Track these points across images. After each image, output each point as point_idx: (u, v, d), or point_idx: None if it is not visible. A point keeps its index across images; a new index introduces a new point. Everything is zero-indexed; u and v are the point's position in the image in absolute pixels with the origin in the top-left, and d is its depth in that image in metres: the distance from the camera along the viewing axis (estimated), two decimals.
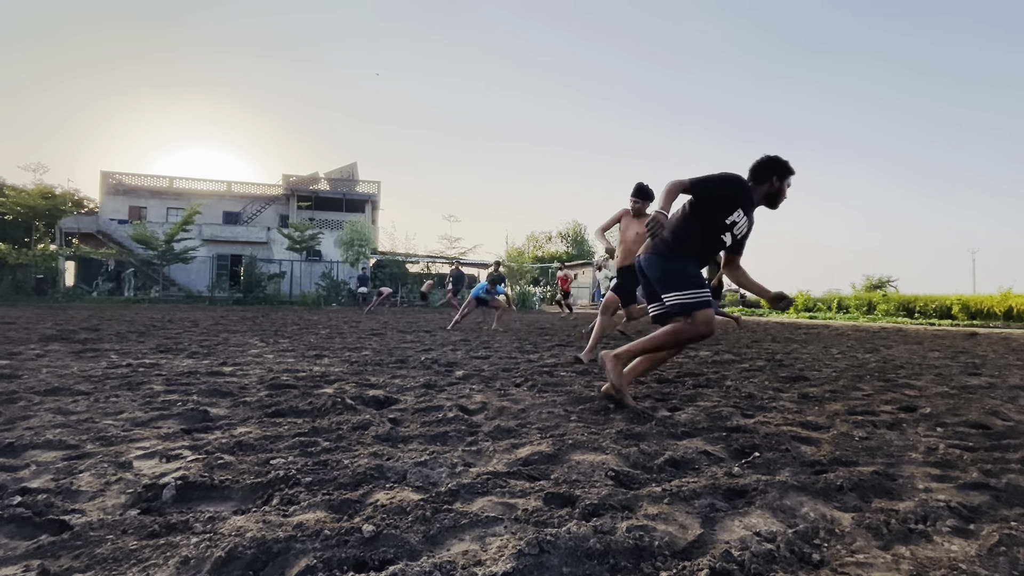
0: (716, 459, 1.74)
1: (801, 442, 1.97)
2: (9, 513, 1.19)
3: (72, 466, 1.54)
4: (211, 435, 1.91)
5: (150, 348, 4.65)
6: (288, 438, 1.87)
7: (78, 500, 1.32)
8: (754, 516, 1.30)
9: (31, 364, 3.52)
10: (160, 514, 1.24)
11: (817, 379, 3.56)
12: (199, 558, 1.01)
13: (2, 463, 1.55)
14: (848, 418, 2.37)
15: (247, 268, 21.65)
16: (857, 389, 3.17)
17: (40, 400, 2.42)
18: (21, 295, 18.17)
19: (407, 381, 3.16)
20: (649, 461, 1.68)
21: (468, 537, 1.16)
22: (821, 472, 1.60)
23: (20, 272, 18.95)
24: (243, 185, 33.20)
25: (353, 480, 1.46)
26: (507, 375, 3.46)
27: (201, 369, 3.47)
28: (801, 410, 2.54)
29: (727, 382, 3.34)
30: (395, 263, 26.63)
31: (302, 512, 1.25)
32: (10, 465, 1.54)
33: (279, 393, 2.70)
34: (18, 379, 2.94)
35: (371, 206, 33.89)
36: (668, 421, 2.21)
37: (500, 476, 1.51)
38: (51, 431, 1.90)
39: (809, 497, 1.41)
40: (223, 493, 1.38)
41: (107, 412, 2.23)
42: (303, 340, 5.75)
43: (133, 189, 30.95)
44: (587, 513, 1.27)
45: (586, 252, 46.32)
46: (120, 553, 1.03)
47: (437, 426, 2.08)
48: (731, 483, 1.48)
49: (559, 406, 2.50)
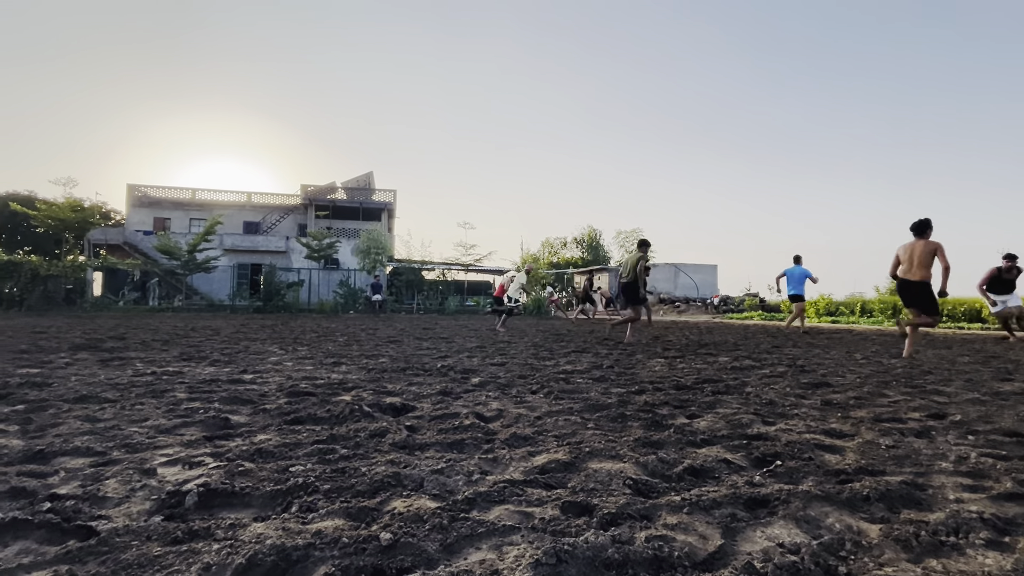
0: (736, 467, 1.71)
1: (825, 450, 1.92)
2: (39, 519, 1.22)
3: (99, 473, 1.58)
4: (232, 442, 1.94)
5: (173, 356, 4.75)
6: (307, 445, 1.89)
7: (104, 506, 1.35)
8: (777, 527, 1.27)
9: (61, 372, 3.63)
10: (183, 520, 1.26)
11: (840, 385, 3.48)
12: (220, 564, 1.03)
13: (33, 470, 1.60)
14: (874, 426, 2.31)
15: (267, 277, 22.03)
16: (883, 395, 3.09)
17: (69, 408, 2.49)
18: (51, 305, 18.76)
19: (423, 388, 3.17)
20: (668, 469, 1.66)
21: (485, 546, 1.15)
22: (846, 481, 1.56)
23: (51, 283, 19.55)
24: (262, 196, 33.88)
25: (371, 488, 1.47)
26: (523, 382, 3.45)
27: (222, 377, 3.53)
28: (824, 417, 2.48)
29: (747, 388, 3.28)
30: (411, 270, 26.84)
31: (320, 520, 1.26)
32: (40, 472, 1.59)
33: (298, 401, 2.73)
34: (49, 387, 3.03)
35: (387, 214, 34.28)
36: (687, 429, 2.18)
37: (517, 484, 1.51)
38: (79, 438, 1.95)
39: (834, 507, 1.38)
40: (243, 500, 1.40)
41: (132, 419, 2.28)
42: (321, 348, 5.82)
43: (157, 201, 31.80)
44: (605, 522, 1.26)
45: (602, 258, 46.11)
46: (144, 559, 1.05)
47: (454, 433, 2.09)
48: (752, 492, 1.45)
49: (576, 414, 2.48)
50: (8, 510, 1.28)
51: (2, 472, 1.57)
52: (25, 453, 1.75)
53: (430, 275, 28.24)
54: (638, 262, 7.27)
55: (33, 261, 19.45)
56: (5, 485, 1.44)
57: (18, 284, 18.56)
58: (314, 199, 32.94)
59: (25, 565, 1.04)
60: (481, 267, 29.38)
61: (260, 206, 33.64)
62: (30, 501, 1.35)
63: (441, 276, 28.58)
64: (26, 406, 2.50)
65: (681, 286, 28.70)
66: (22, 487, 1.44)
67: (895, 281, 5.67)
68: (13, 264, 18.79)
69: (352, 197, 34.10)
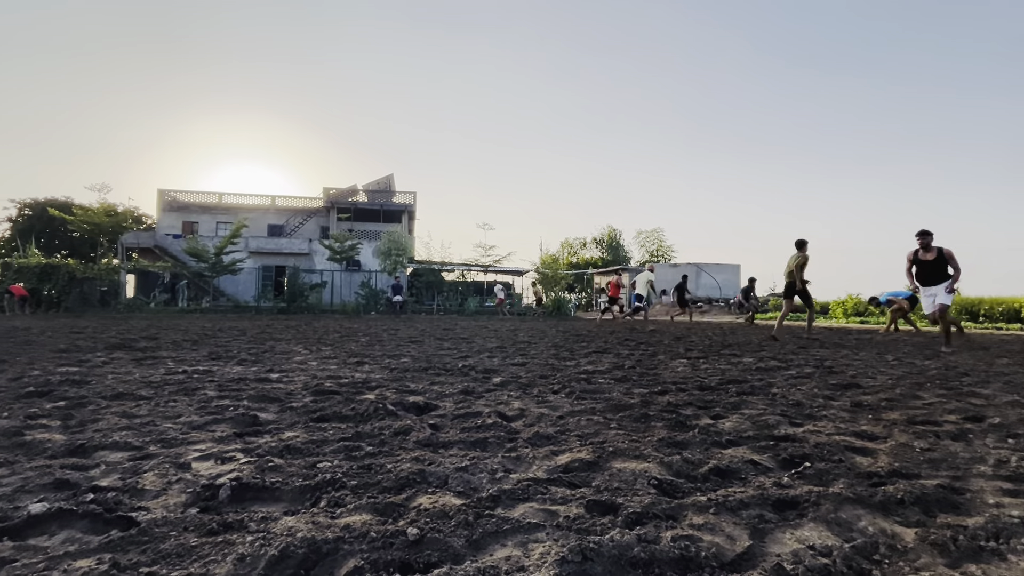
0: (763, 469, 1.68)
1: (856, 452, 1.87)
2: (83, 509, 1.27)
3: (137, 466, 1.64)
4: (261, 439, 1.99)
5: (203, 356, 4.89)
6: (333, 442, 1.92)
7: (143, 498, 1.40)
8: (807, 529, 1.25)
9: (98, 371, 3.77)
10: (217, 513, 1.30)
11: (871, 387, 3.39)
12: (254, 556, 1.06)
13: (75, 463, 1.67)
14: (907, 428, 2.24)
15: (290, 279, 22.49)
16: (916, 397, 3.00)
17: (107, 404, 2.59)
18: (87, 306, 19.49)
19: (445, 387, 3.20)
20: (693, 470, 1.64)
21: (511, 543, 1.16)
22: (879, 484, 1.52)
23: (87, 285, 20.31)
24: (286, 199, 34.57)
25: (396, 484, 1.49)
26: (544, 382, 3.45)
27: (250, 376, 3.62)
28: (854, 419, 2.42)
29: (773, 389, 3.22)
30: (431, 272, 27.06)
31: (349, 514, 1.28)
32: (83, 464, 1.66)
33: (323, 399, 2.78)
34: (87, 384, 3.15)
35: (407, 216, 34.62)
36: (711, 429, 2.15)
37: (541, 483, 1.51)
38: (117, 433, 2.02)
39: (867, 510, 1.35)
40: (274, 494, 1.43)
41: (167, 416, 2.36)
42: (344, 347, 5.91)
43: (186, 205, 32.72)
44: (630, 521, 1.25)
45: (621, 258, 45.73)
46: (183, 549, 1.09)
47: (476, 432, 2.10)
48: (780, 494, 1.42)
49: (598, 413, 2.47)
50: (54, 501, 1.34)
51: (47, 465, 1.64)
52: (68, 447, 1.83)
53: (450, 276, 28.43)
54: (798, 262, 7.80)
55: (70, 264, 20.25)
56: (50, 477, 1.51)
57: (56, 286, 19.32)
58: (336, 202, 33.48)
59: (71, 553, 1.09)
60: (500, 268, 29.44)
61: (284, 209, 34.33)
62: (74, 492, 1.41)
63: (461, 277, 28.75)
64: (67, 403, 2.60)
65: (703, 286, 28.26)
66: (66, 479, 1.50)
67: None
68: (52, 267, 19.58)
69: (373, 199, 34.55)
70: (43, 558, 1.06)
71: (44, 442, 1.89)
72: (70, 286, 19.56)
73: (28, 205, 32.13)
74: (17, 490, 1.43)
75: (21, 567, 1.03)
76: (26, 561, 1.05)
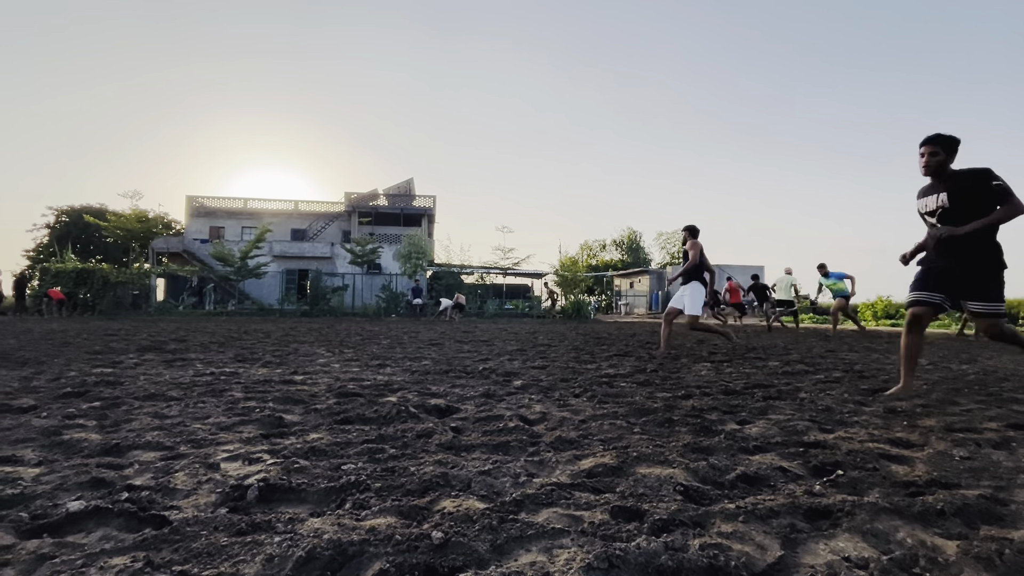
0: (793, 476, 1.64)
1: (891, 460, 1.81)
2: (119, 508, 1.31)
3: (169, 466, 1.68)
4: (287, 440, 2.02)
5: (230, 358, 5.00)
6: (357, 445, 1.94)
7: (175, 497, 1.43)
8: (841, 539, 1.21)
9: (131, 372, 3.89)
10: (246, 513, 1.33)
11: (905, 392, 3.27)
12: (282, 556, 1.07)
13: (110, 462, 1.72)
14: (945, 435, 2.16)
15: (313, 282, 22.87)
16: (954, 403, 2.88)
17: (139, 405, 2.67)
18: (120, 309, 20.15)
19: (467, 390, 3.20)
20: (720, 476, 1.61)
21: (535, 548, 1.15)
22: (917, 494, 1.46)
23: (120, 289, 21.01)
24: (308, 204, 35.26)
25: (420, 487, 1.49)
26: (565, 385, 3.43)
27: (275, 378, 3.69)
28: (888, 425, 2.34)
29: (801, 394, 3.14)
30: (451, 274, 27.22)
31: (373, 517, 1.29)
32: (117, 464, 1.70)
33: (346, 401, 2.82)
34: (121, 385, 3.25)
35: (427, 219, 34.94)
36: (738, 435, 2.11)
37: (564, 487, 1.50)
38: (150, 433, 2.08)
39: (904, 521, 1.30)
40: (300, 496, 1.45)
41: (196, 416, 2.41)
42: (366, 350, 5.98)
43: (213, 211, 33.61)
44: (656, 528, 1.23)
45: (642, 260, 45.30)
46: (213, 548, 1.11)
47: (498, 435, 2.10)
48: (812, 502, 1.38)
49: (621, 417, 2.44)
50: (91, 499, 1.38)
51: (84, 463, 1.69)
52: (103, 446, 1.89)
53: (469, 279, 28.55)
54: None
55: (104, 269, 20.97)
56: (87, 476, 1.56)
57: (91, 290, 20.02)
58: (357, 206, 33.98)
59: (107, 550, 1.12)
60: (519, 270, 29.45)
61: (306, 214, 35.00)
62: (109, 491, 1.45)
63: (480, 280, 28.84)
64: (101, 403, 2.69)
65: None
66: (102, 478, 1.55)
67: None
68: (87, 272, 20.31)
69: (393, 203, 34.98)
70: (81, 555, 1.10)
71: (81, 441, 1.95)
72: (104, 290, 20.25)
73: (65, 212, 33.44)
74: (56, 488, 1.47)
75: (60, 563, 1.06)
76: (65, 557, 1.09)
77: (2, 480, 1.54)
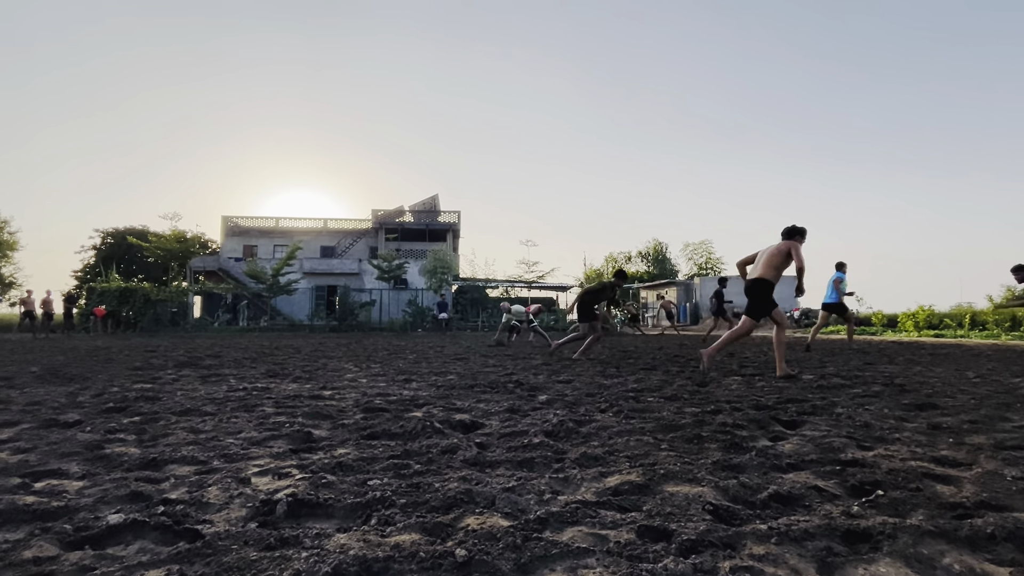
0: (830, 496, 1.57)
1: (936, 480, 1.72)
2: (155, 521, 1.35)
3: (203, 480, 1.73)
4: (315, 455, 2.06)
5: (261, 373, 5.13)
6: (383, 460, 1.96)
7: (208, 511, 1.47)
8: (882, 564, 1.15)
9: (168, 388, 4.03)
10: (275, 528, 1.35)
11: (951, 407, 3.11)
12: (309, 572, 1.08)
13: (148, 475, 1.78)
14: (995, 454, 2.04)
15: (341, 298, 23.36)
16: (1005, 419, 2.73)
17: (176, 420, 2.76)
18: (160, 326, 20.97)
19: (491, 405, 3.20)
20: (751, 495, 1.56)
21: (559, 568, 1.13)
22: (964, 517, 1.39)
23: (160, 307, 21.90)
24: (337, 221, 36.19)
25: (444, 504, 1.49)
26: (591, 400, 3.39)
27: (304, 393, 3.76)
28: (932, 443, 2.23)
29: (837, 409, 3.02)
30: (476, 288, 27.39)
31: (398, 533, 1.30)
32: (154, 478, 1.76)
33: (373, 416, 2.85)
34: (159, 401, 3.37)
35: (452, 234, 35.36)
36: (770, 452, 2.04)
37: (589, 506, 1.48)
38: (185, 448, 2.15)
39: (951, 546, 1.23)
40: (327, 511, 1.47)
41: (229, 431, 2.48)
42: (392, 365, 6.05)
43: (246, 230, 34.82)
44: (685, 549, 1.20)
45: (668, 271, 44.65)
46: (243, 563, 1.14)
47: (523, 451, 2.08)
48: (850, 524, 1.32)
49: (648, 433, 2.40)
50: (129, 512, 1.43)
51: (123, 477, 1.76)
52: (141, 460, 1.96)
53: (494, 293, 28.67)
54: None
55: (146, 287, 21.91)
56: (126, 489, 1.62)
57: (133, 308, 20.93)
58: (384, 223, 34.68)
59: (144, 563, 1.16)
60: (544, 284, 29.40)
61: (335, 231, 35.89)
62: (146, 504, 1.51)
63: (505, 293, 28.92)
64: (140, 418, 2.79)
65: None
66: (139, 491, 1.60)
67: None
68: (129, 291, 21.28)
69: (419, 219, 35.55)
70: (119, 567, 1.13)
71: (121, 455, 2.03)
72: (145, 308, 21.14)
73: (110, 234, 35.14)
74: (98, 500, 1.53)
75: (100, 575, 1.10)
76: (104, 569, 1.12)
77: (49, 493, 1.61)
